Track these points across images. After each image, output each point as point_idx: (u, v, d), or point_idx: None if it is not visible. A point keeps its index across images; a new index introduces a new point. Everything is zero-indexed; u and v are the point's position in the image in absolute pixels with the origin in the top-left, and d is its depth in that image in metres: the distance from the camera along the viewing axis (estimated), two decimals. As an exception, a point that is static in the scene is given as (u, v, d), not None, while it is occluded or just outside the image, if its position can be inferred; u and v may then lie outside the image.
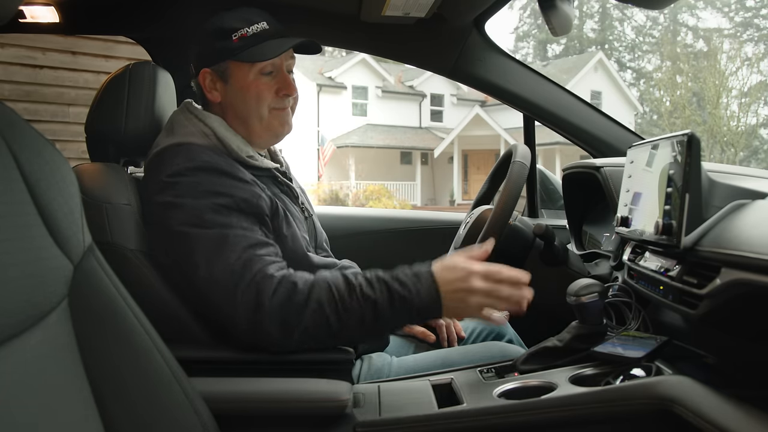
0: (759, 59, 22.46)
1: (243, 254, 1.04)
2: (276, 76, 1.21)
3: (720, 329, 0.85)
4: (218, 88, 1.21)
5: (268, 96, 1.20)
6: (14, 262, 0.59)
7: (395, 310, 1.01)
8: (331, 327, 1.01)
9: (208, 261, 1.04)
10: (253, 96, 1.20)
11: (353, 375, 1.17)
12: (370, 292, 1.02)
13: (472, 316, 1.06)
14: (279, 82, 1.21)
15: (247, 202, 1.10)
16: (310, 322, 1.01)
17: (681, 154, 0.90)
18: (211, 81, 1.21)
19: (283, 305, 1.01)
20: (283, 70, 1.22)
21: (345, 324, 1.01)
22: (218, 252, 1.04)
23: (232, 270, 1.03)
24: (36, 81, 3.69)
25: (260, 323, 1.01)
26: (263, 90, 1.20)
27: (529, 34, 37.58)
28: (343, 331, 1.02)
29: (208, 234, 1.05)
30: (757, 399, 0.73)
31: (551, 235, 1.26)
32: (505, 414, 0.89)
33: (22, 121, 0.67)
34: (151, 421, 0.72)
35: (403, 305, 1.01)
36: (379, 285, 1.03)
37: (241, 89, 1.20)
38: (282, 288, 1.02)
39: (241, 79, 1.19)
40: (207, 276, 1.03)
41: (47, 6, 1.54)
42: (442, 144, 20.49)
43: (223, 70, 1.20)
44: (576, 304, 1.02)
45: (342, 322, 1.01)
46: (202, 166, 1.10)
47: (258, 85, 1.19)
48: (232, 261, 1.03)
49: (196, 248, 1.05)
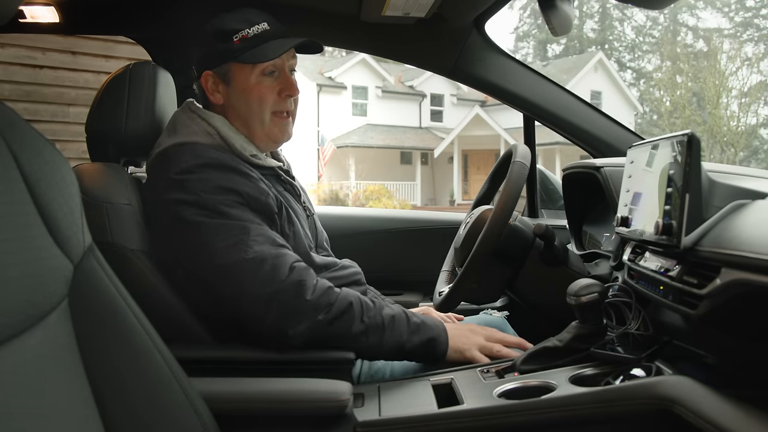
0: (759, 59, 22.46)
1: (269, 245, 1.06)
2: (278, 77, 1.21)
3: (720, 329, 0.85)
4: (220, 91, 1.21)
5: (271, 97, 1.20)
6: (14, 262, 0.59)
7: (411, 329, 1.12)
8: (352, 326, 1.07)
9: (230, 247, 1.05)
10: (255, 98, 1.20)
11: (353, 375, 1.17)
12: (389, 311, 1.13)
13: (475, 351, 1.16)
14: (281, 82, 1.21)
15: (257, 199, 1.11)
16: (338, 320, 1.07)
17: (681, 154, 0.90)
18: (213, 83, 1.21)
19: (319, 301, 1.06)
20: (285, 71, 1.22)
21: (368, 326, 1.09)
22: (241, 240, 1.05)
23: (264, 255, 1.05)
24: (36, 81, 3.69)
25: (296, 313, 1.04)
26: (266, 92, 1.20)
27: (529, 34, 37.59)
28: (366, 332, 1.09)
29: (228, 224, 1.06)
30: (757, 399, 0.73)
31: (551, 235, 1.26)
32: (505, 414, 0.89)
33: (22, 121, 0.67)
34: (151, 421, 0.72)
35: (416, 326, 1.13)
36: (397, 307, 1.16)
37: (244, 91, 1.20)
38: (321, 285, 1.08)
39: (243, 81, 1.19)
40: (230, 261, 1.04)
41: (47, 6, 1.54)
42: (442, 144, 20.49)
43: (225, 72, 1.20)
44: (576, 304, 1.02)
45: (365, 324, 1.08)
46: (210, 163, 1.10)
47: (260, 87, 1.19)
48: (263, 248, 1.05)
49: (215, 236, 1.05)
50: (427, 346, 1.13)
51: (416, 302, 1.65)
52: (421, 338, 1.12)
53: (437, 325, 1.16)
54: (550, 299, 1.23)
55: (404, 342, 1.11)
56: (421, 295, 1.83)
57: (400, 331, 1.11)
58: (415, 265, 1.87)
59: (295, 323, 1.04)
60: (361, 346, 1.09)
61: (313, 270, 1.12)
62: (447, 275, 1.48)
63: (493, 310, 1.62)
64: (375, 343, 1.10)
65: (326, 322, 1.06)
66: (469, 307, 1.54)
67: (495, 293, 1.35)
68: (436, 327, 1.15)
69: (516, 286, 1.31)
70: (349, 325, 1.07)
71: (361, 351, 1.11)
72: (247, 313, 1.05)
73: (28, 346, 0.60)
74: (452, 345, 1.14)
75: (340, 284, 1.22)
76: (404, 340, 1.11)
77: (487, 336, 1.18)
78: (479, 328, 1.20)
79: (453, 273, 1.46)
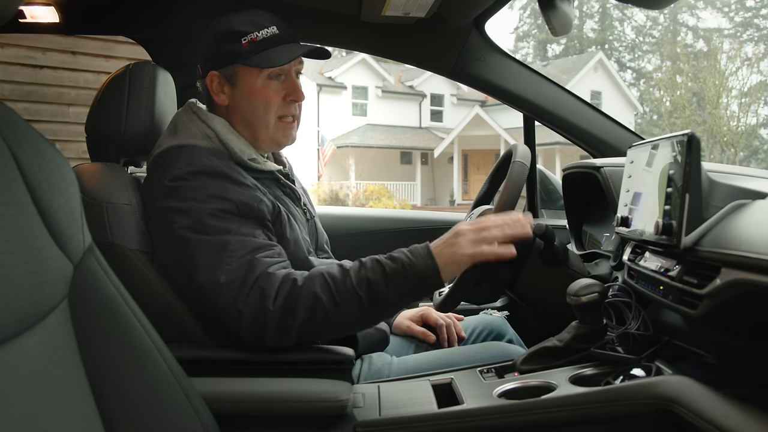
0: (759, 59, 22.46)
1: (243, 259, 1.04)
2: (284, 81, 1.21)
3: (720, 329, 0.85)
4: (225, 92, 1.21)
5: (276, 102, 1.20)
6: (14, 262, 0.59)
7: (391, 285, 1.02)
8: (327, 314, 1.01)
9: (208, 266, 1.04)
10: (261, 102, 1.19)
11: (353, 375, 1.17)
12: (364, 272, 1.03)
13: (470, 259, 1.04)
14: (287, 87, 1.21)
15: (248, 206, 1.10)
16: (307, 313, 1.01)
17: (681, 154, 0.90)
18: (219, 84, 1.21)
19: (284, 304, 1.01)
20: (291, 75, 1.22)
21: (343, 308, 1.02)
22: (219, 257, 1.04)
23: (233, 276, 1.03)
24: (36, 81, 3.69)
25: (265, 325, 1.01)
26: (272, 96, 1.19)
27: (529, 34, 37.57)
28: (342, 316, 1.02)
29: (209, 240, 1.06)
30: (757, 399, 0.73)
31: (551, 235, 1.26)
32: (505, 414, 0.89)
33: (22, 121, 0.67)
34: (151, 421, 0.72)
35: (399, 278, 1.02)
36: (371, 264, 1.05)
37: (250, 94, 1.19)
38: (284, 287, 1.03)
39: (249, 84, 1.19)
40: (208, 281, 1.04)
41: (47, 6, 1.54)
42: (442, 144, 20.49)
43: (231, 73, 1.19)
44: (576, 304, 1.02)
45: (339, 306, 1.02)
46: (203, 170, 1.10)
47: (267, 91, 1.19)
48: (234, 267, 1.03)
49: (197, 253, 1.05)
50: (419, 285, 1.03)
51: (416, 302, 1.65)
52: (407, 282, 1.02)
53: (418, 253, 1.04)
54: (550, 299, 1.23)
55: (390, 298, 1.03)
56: (421, 295, 1.83)
57: (381, 291, 1.02)
58: None
59: (268, 334, 1.02)
60: (349, 327, 1.07)
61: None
62: (447, 275, 1.48)
63: (493, 310, 1.62)
64: (360, 318, 1.04)
65: (298, 326, 1.02)
66: (469, 307, 1.54)
67: (495, 293, 1.35)
68: (417, 256, 1.04)
69: (516, 286, 1.31)
70: (323, 315, 1.02)
71: (352, 329, 1.09)
72: (228, 326, 1.05)
73: (28, 346, 0.60)
74: (442, 263, 1.03)
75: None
76: (389, 296, 1.02)
77: (475, 229, 1.06)
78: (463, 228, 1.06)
79: (453, 273, 1.46)
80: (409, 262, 1.03)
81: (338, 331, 1.07)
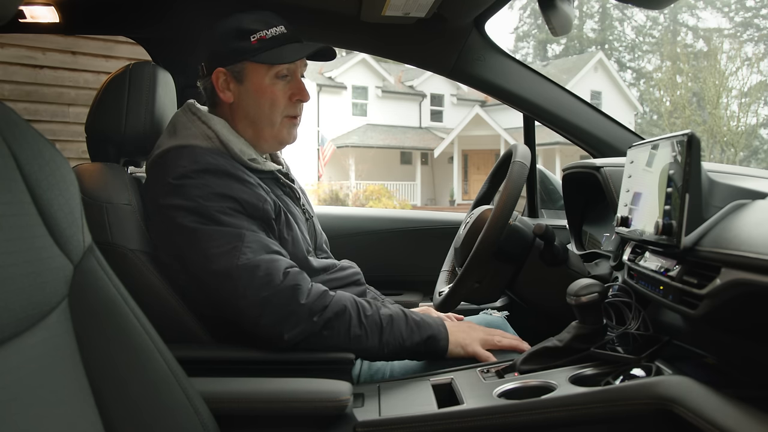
0: (759, 59, 22.47)
1: (261, 252, 1.07)
2: (291, 81, 1.22)
3: (720, 329, 0.85)
4: (231, 89, 1.21)
5: (282, 101, 1.21)
6: (14, 262, 0.59)
7: (409, 325, 1.14)
8: (350, 328, 1.09)
9: (225, 253, 1.05)
10: (267, 100, 1.20)
11: (353, 375, 1.17)
12: (387, 311, 1.14)
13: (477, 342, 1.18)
14: (293, 87, 1.22)
15: (254, 206, 1.11)
16: (333, 317, 1.08)
17: (681, 154, 0.90)
18: (225, 81, 1.21)
19: (315, 302, 1.07)
20: (297, 75, 1.22)
21: (366, 328, 1.10)
22: (235, 246, 1.06)
23: (255, 263, 1.05)
24: (36, 81, 3.70)
25: (290, 316, 1.05)
26: (278, 95, 1.20)
27: (529, 34, 37.57)
28: (361, 338, 1.09)
29: (223, 230, 1.07)
30: (757, 399, 0.73)
31: (551, 235, 1.26)
32: (505, 414, 0.89)
33: (22, 121, 0.67)
34: (151, 421, 0.71)
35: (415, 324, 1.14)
36: (394, 307, 1.17)
37: (256, 92, 1.20)
38: (316, 289, 1.09)
39: (256, 82, 1.19)
40: (224, 268, 1.05)
41: (47, 6, 1.54)
42: (442, 144, 20.49)
43: (239, 70, 1.19)
44: (576, 304, 1.02)
45: (362, 327, 1.10)
46: (207, 168, 1.10)
47: (274, 90, 1.20)
48: (251, 257, 1.05)
49: (210, 243, 1.06)
50: (427, 344, 1.14)
51: (416, 302, 1.65)
52: (421, 336, 1.13)
53: (436, 322, 1.16)
54: (550, 299, 1.23)
55: (404, 341, 1.12)
56: (421, 295, 1.83)
57: (399, 330, 1.12)
58: (415, 265, 1.87)
59: (290, 327, 1.05)
60: (361, 348, 1.10)
61: (312, 273, 1.13)
62: (447, 275, 1.48)
63: (493, 310, 1.62)
64: (375, 344, 1.10)
65: (321, 325, 1.06)
66: (469, 307, 1.54)
67: (495, 293, 1.35)
68: (435, 324, 1.16)
69: (516, 286, 1.31)
70: (346, 328, 1.08)
71: (362, 352, 1.11)
72: (243, 316, 1.06)
73: (28, 346, 0.60)
74: (453, 340, 1.15)
75: (339, 285, 1.23)
76: (404, 340, 1.12)
77: (487, 331, 1.20)
78: (478, 326, 1.22)
79: (453, 273, 1.46)
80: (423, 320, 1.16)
81: (346, 346, 1.10)
